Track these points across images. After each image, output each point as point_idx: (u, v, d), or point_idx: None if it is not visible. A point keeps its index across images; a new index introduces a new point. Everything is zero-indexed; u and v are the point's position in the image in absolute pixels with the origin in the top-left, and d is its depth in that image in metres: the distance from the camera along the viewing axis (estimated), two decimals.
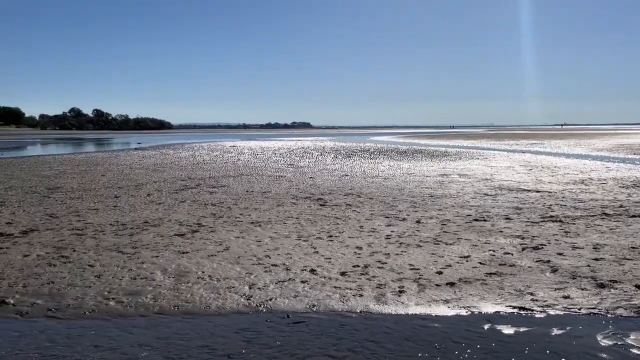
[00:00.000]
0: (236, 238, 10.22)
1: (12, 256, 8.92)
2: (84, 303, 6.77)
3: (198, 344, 5.59)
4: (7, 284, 7.49)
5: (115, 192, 16.95)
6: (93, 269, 8.18)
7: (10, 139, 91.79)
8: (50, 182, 20.25)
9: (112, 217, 12.39)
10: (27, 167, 28.11)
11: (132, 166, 28.36)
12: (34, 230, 11.00)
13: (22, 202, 14.78)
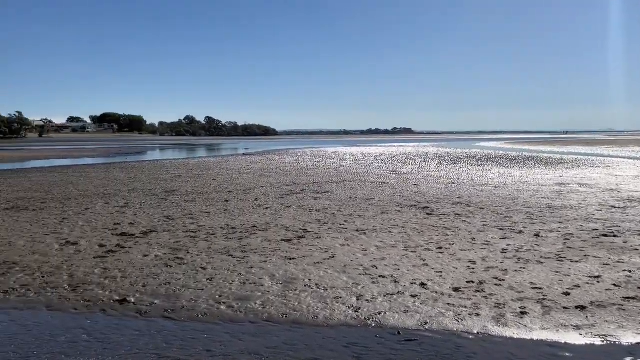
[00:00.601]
0: (341, 246, 10.06)
1: (133, 256, 9.47)
2: (197, 306, 6.94)
3: (307, 356, 5.45)
4: (129, 283, 7.91)
5: (226, 196, 17.62)
6: (205, 271, 8.42)
7: (134, 145, 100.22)
8: (168, 185, 21.59)
9: (223, 221, 12.82)
10: (147, 170, 30.32)
11: (241, 171, 29.51)
12: (153, 231, 11.65)
13: (143, 204, 15.82)
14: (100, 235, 11.19)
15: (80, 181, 23.50)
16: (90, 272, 8.47)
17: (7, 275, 8.35)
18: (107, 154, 57.85)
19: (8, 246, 10.25)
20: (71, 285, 7.85)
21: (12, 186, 21.29)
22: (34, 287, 7.78)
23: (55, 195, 18.24)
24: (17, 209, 14.85)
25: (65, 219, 13.20)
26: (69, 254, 9.60)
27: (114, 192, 19.14)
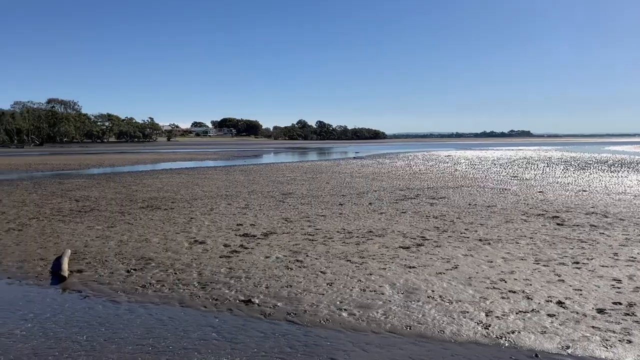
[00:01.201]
0: (464, 256, 9.56)
1: (255, 257, 9.76)
2: (318, 311, 6.92)
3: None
4: (253, 284, 8.13)
5: (340, 200, 17.69)
6: (325, 276, 8.42)
7: (250, 148, 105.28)
8: (284, 188, 22.22)
9: (339, 225, 12.83)
10: (264, 173, 31.55)
11: (353, 174, 29.61)
12: (273, 233, 11.96)
13: (262, 206, 16.38)
14: (225, 235, 11.71)
15: (204, 183, 25.01)
16: (217, 271, 8.85)
17: (144, 270, 8.99)
18: (227, 157, 61.25)
19: (145, 242, 11.08)
20: (200, 283, 8.24)
21: (146, 186, 23.21)
22: (168, 283, 8.28)
23: (183, 195, 19.55)
24: (151, 208, 16.10)
25: (193, 219, 14.03)
26: (197, 253, 10.13)
27: (235, 193, 20.08)
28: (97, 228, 12.77)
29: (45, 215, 14.77)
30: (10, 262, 9.63)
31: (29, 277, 8.75)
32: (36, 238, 11.67)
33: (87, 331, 6.38)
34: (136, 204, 17.20)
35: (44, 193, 20.67)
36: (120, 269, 9.05)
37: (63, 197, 19.29)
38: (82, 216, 14.62)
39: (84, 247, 10.72)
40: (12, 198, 18.96)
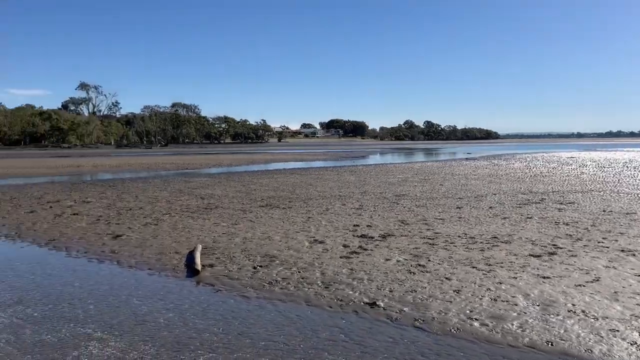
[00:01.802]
0: (605, 267, 8.72)
1: (376, 259, 9.68)
2: (447, 319, 6.66)
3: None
4: (376, 286, 8.05)
5: (457, 203, 17.08)
6: (450, 282, 8.11)
7: (357, 149, 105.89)
8: (396, 189, 21.96)
9: (459, 229, 12.36)
10: (374, 174, 31.47)
11: (467, 176, 28.52)
12: (390, 235, 11.82)
13: (376, 207, 16.30)
14: (343, 236, 11.78)
15: (317, 183, 25.50)
16: (339, 271, 8.90)
17: (270, 267, 9.29)
18: (336, 158, 62.08)
19: (268, 240, 11.48)
20: (324, 282, 8.33)
21: (263, 186, 24.18)
22: (292, 281, 8.47)
23: (298, 195, 20.06)
24: (270, 207, 16.69)
25: (310, 218, 14.30)
26: (318, 252, 10.28)
27: (348, 194, 20.20)
28: (222, 225, 13.48)
29: (176, 212, 15.90)
30: (150, 254, 10.45)
31: (167, 269, 9.42)
32: (170, 232, 12.58)
33: (222, 324, 6.69)
34: (256, 202, 17.94)
35: (173, 190, 22.31)
36: (247, 265, 9.44)
37: (190, 194, 20.67)
38: (208, 213, 15.53)
39: (212, 242, 11.35)
40: (146, 195, 20.68)
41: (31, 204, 17.85)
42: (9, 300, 7.61)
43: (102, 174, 35.08)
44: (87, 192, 22.05)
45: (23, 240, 12.00)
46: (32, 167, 41.45)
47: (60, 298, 7.76)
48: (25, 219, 14.74)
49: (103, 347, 5.93)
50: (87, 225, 13.75)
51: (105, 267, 9.63)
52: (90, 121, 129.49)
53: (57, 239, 12.01)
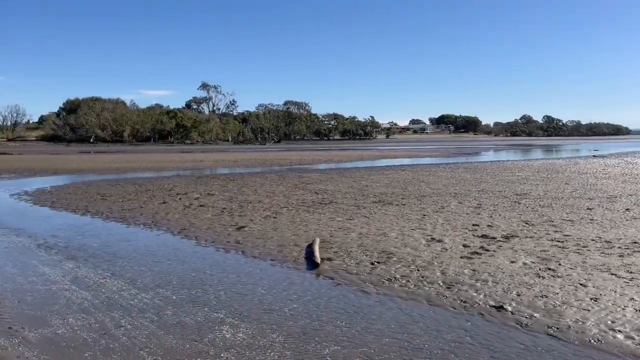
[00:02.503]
0: None
1: (500, 260, 9.23)
2: (586, 328, 6.16)
3: None
4: (502, 289, 7.67)
5: (587, 204, 15.78)
6: (586, 289, 7.50)
7: (470, 145, 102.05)
8: (516, 187, 20.81)
9: (592, 232, 11.40)
10: (491, 171, 30.10)
11: (597, 175, 26.26)
12: (514, 236, 11.21)
13: (496, 206, 15.56)
14: (462, 235, 11.39)
15: (430, 180, 24.96)
16: (460, 272, 8.61)
17: (387, 264, 9.24)
18: (447, 155, 60.35)
19: (383, 237, 11.44)
20: (445, 282, 8.10)
21: (374, 182, 24.17)
22: (412, 279, 8.35)
23: (411, 192, 19.77)
24: (383, 203, 16.63)
25: (425, 216, 14.02)
26: (436, 251, 10.04)
27: (464, 192, 19.52)
28: (337, 220, 13.67)
29: (292, 205, 16.41)
30: (272, 246, 10.88)
31: (288, 261, 9.75)
32: (288, 225, 13.01)
33: (345, 318, 6.77)
34: (368, 198, 17.97)
35: (288, 185, 23.07)
36: (364, 261, 9.47)
37: (304, 189, 21.25)
38: (323, 208, 15.84)
39: (329, 236, 11.54)
40: (264, 189, 21.61)
41: (163, 196, 19.44)
42: (150, 283, 8.34)
43: (221, 169, 37.27)
44: (211, 185, 23.54)
45: (159, 229, 13.10)
46: (161, 162, 45.17)
47: (194, 283, 8.35)
48: (159, 209, 16.08)
49: (235, 332, 6.27)
50: (213, 216, 14.66)
51: (231, 257, 10.20)
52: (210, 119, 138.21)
53: (187, 229, 12.94)
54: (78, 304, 7.28)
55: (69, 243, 11.38)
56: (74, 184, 25.63)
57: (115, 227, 13.45)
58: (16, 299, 7.49)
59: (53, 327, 6.37)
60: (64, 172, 34.31)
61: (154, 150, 79.16)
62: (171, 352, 5.65)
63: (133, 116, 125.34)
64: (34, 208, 17.21)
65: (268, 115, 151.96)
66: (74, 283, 8.29)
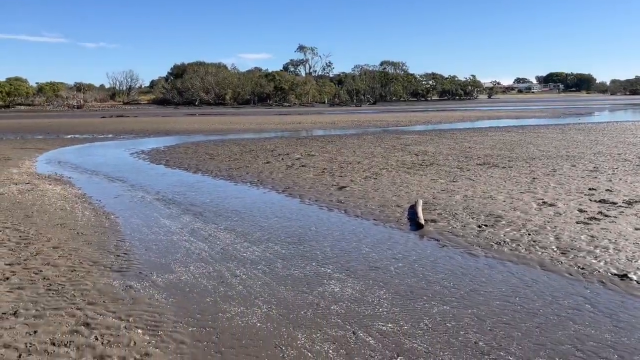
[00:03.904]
0: None
1: (621, 227, 8.56)
2: None
3: None
4: (625, 257, 7.14)
5: None
6: None
7: (582, 105, 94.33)
8: (639, 150, 19.01)
9: None
10: (607, 132, 27.71)
11: None
12: (638, 202, 10.31)
13: (616, 170, 14.36)
14: (577, 200, 10.68)
15: (538, 141, 23.51)
16: (576, 237, 8.11)
17: (495, 227, 8.93)
18: (556, 115, 56.37)
19: (490, 199, 11.03)
20: (559, 248, 7.69)
21: (477, 143, 23.23)
22: (523, 243, 8.01)
23: (518, 154, 18.77)
24: (489, 165, 15.97)
25: (535, 179, 13.28)
26: (549, 215, 9.52)
27: (577, 154, 18.19)
28: (440, 182, 13.37)
29: (392, 167, 16.28)
30: (373, 206, 10.92)
31: (390, 221, 9.74)
32: (389, 186, 12.95)
33: (452, 279, 6.68)
34: (472, 160, 17.34)
35: (386, 147, 22.86)
36: (471, 223, 9.22)
37: (403, 150, 20.95)
38: (424, 169, 15.55)
39: (432, 198, 11.34)
40: (362, 150, 21.61)
41: (266, 156, 20.12)
42: (261, 238, 8.75)
43: (319, 131, 37.71)
44: (310, 146, 23.95)
45: (264, 187, 13.63)
46: (262, 123, 46.63)
47: (301, 239, 8.63)
48: (263, 169, 16.69)
49: (343, 286, 6.43)
50: (314, 176, 14.96)
51: (334, 215, 10.39)
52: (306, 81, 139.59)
53: (290, 187, 13.34)
54: (197, 253, 7.83)
55: (184, 198, 12.21)
56: (184, 144, 27.29)
57: (224, 185, 14.20)
58: (143, 247, 8.22)
59: (177, 274, 6.92)
60: (174, 133, 36.60)
61: (254, 113, 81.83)
62: (284, 302, 5.93)
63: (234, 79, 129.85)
64: (151, 166, 18.61)
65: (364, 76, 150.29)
66: (192, 235, 8.92)
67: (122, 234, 9.06)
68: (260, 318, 5.50)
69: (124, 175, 16.28)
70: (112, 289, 6.36)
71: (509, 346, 4.82)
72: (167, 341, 4.94)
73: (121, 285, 6.47)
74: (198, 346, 4.86)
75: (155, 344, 4.87)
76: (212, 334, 5.13)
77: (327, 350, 4.77)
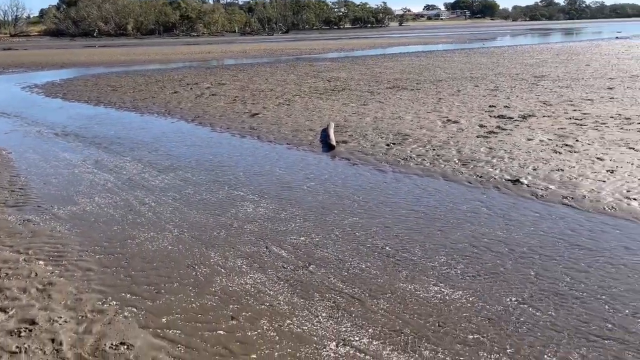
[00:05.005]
0: None
1: (516, 138, 9.19)
2: (600, 197, 6.24)
3: None
4: (517, 165, 7.71)
5: (607, 83, 15.35)
6: (603, 162, 7.50)
7: (486, 30, 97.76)
8: (534, 70, 20.20)
9: (612, 110, 11.19)
10: (508, 55, 29.09)
11: (619, 56, 25.28)
12: (531, 116, 11.06)
13: (514, 88, 15.22)
14: (478, 116, 11.27)
15: (445, 65, 24.26)
16: (476, 150, 8.62)
17: (403, 144, 9.25)
18: (462, 40, 58.10)
19: (399, 120, 11.35)
20: (460, 160, 8.14)
21: (388, 68, 23.57)
22: (428, 157, 8.39)
23: (426, 77, 19.30)
24: (398, 89, 16.32)
25: (441, 99, 13.79)
26: (452, 131, 9.99)
27: (480, 76, 19.02)
28: (351, 105, 13.52)
29: (305, 93, 16.19)
30: (286, 131, 10.89)
31: (303, 144, 9.79)
32: (302, 112, 12.92)
33: (362, 194, 6.91)
34: (382, 84, 17.62)
35: (299, 74, 22.60)
36: (380, 142, 9.49)
37: (316, 77, 20.84)
38: (336, 94, 15.61)
39: (344, 121, 11.48)
40: (275, 78, 21.22)
41: (174, 86, 19.22)
42: (170, 166, 8.49)
43: (230, 60, 36.42)
44: (221, 75, 23.14)
45: (173, 117, 13.11)
46: (168, 54, 44.14)
47: (213, 166, 8.48)
48: (171, 99, 15.97)
49: (256, 207, 6.46)
50: (225, 104, 14.56)
51: (247, 142, 10.26)
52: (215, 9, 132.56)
53: (201, 116, 12.92)
54: (102, 184, 7.48)
55: (85, 131, 11.48)
56: (83, 77, 25.34)
57: (129, 116, 13.48)
58: (41, 182, 7.71)
59: (81, 205, 6.60)
60: (71, 65, 33.80)
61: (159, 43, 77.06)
62: (196, 225, 5.87)
63: (135, 8, 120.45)
64: (47, 100, 17.20)
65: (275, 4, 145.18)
66: (96, 167, 8.47)
67: (17, 169, 8.43)
68: (172, 241, 5.43)
69: (16, 110, 14.95)
70: (8, 224, 5.96)
71: (413, 248, 5.14)
72: (72, 270, 4.76)
73: (18, 220, 6.08)
74: (106, 272, 4.73)
75: (59, 274, 4.68)
76: (120, 259, 5.00)
77: (240, 265, 4.83)
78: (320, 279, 4.52)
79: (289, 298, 4.22)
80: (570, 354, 3.41)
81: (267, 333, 3.73)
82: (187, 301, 4.20)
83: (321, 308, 4.05)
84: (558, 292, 4.18)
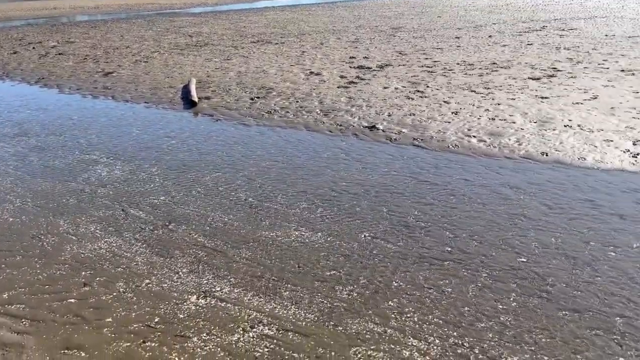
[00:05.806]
0: (604, 87, 8.70)
1: (374, 87, 9.59)
2: (446, 137, 6.79)
3: (577, 196, 4.98)
4: (374, 112, 8.08)
5: (455, 33, 16.50)
6: (449, 105, 8.13)
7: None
8: (392, 22, 21.05)
9: (458, 57, 12.09)
10: (368, 9, 29.94)
11: (467, 8, 27.21)
12: (388, 65, 11.58)
13: (373, 40, 15.76)
14: (339, 68, 11.54)
15: (309, 19, 24.34)
16: (337, 100, 8.86)
17: (267, 98, 9.22)
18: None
19: (263, 74, 11.25)
20: (322, 110, 8.33)
21: (252, 23, 23.09)
22: (291, 110, 8.46)
23: (290, 31, 19.24)
24: (263, 43, 16.10)
25: (305, 52, 13.88)
26: (315, 83, 10.14)
27: (342, 28, 19.40)
28: (214, 60, 13.11)
29: (165, 49, 15.34)
30: (144, 90, 10.29)
31: (163, 102, 9.35)
32: (162, 69, 12.26)
33: (225, 149, 6.81)
34: (247, 39, 17.26)
35: (159, 30, 21.30)
36: (244, 97, 9.36)
37: (177, 33, 19.79)
38: (199, 50, 15.01)
39: (206, 77, 11.12)
40: (132, 34, 19.78)
41: (13, 46, 17.12)
42: (10, 133, 7.64)
43: (80, 16, 33.19)
44: (69, 33, 21.03)
45: (12, 80, 11.73)
46: (6, 11, 39.01)
47: (61, 130, 7.79)
48: (9, 60, 14.24)
49: (111, 170, 6.08)
50: (75, 64, 13.33)
51: (100, 102, 9.54)
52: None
53: (46, 78, 11.72)
54: None
55: None
56: None
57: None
58: None
59: None
60: None
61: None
62: (42, 194, 5.39)
63: None
64: None
65: None
66: None
67: None
68: (13, 213, 4.94)
69: None
70: None
71: (276, 197, 5.21)
72: None
73: None
74: None
75: None
76: None
77: (94, 231, 4.56)
78: (181, 236, 4.43)
79: (148, 258, 4.09)
80: (415, 277, 3.73)
81: (123, 295, 3.59)
82: (32, 273, 3.89)
83: (181, 264, 3.98)
84: (407, 225, 4.52)
